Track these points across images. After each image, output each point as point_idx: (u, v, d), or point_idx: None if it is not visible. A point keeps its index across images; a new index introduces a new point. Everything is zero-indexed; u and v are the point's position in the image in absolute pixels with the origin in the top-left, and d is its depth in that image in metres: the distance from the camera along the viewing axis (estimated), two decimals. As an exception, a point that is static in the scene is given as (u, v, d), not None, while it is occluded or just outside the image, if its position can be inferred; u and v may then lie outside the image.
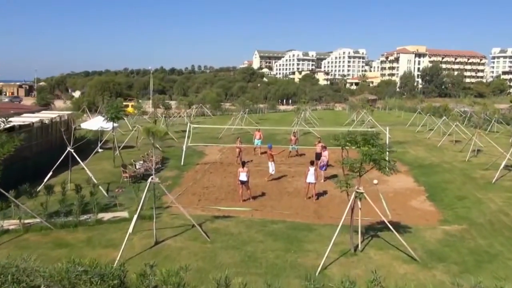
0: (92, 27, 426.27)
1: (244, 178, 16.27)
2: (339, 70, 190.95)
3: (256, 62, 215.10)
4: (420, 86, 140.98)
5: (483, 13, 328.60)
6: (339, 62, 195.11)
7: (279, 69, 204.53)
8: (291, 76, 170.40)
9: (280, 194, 17.76)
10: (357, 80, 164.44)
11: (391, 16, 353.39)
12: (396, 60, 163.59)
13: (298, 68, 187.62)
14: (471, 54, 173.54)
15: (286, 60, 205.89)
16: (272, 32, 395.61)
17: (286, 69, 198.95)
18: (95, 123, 25.55)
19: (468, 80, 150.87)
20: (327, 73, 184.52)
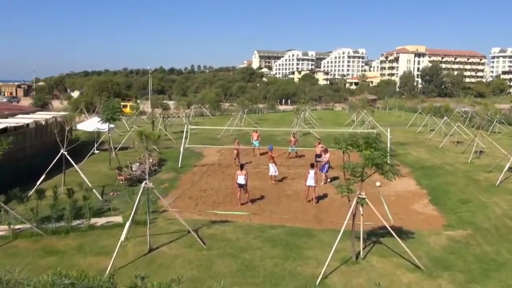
0: (92, 27, 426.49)
1: (242, 182, 15.86)
2: (339, 70, 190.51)
3: (256, 62, 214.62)
4: (420, 86, 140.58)
5: (483, 13, 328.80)
6: (339, 62, 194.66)
7: (279, 69, 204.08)
8: (291, 76, 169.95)
9: (279, 198, 17.34)
10: (357, 80, 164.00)
11: (391, 16, 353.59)
12: (396, 60, 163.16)
13: (298, 68, 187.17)
14: (471, 54, 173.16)
15: (286, 60, 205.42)
16: (272, 32, 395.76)
17: (286, 69, 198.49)
18: (91, 124, 25.10)
19: (468, 80, 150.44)
20: (327, 73, 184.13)
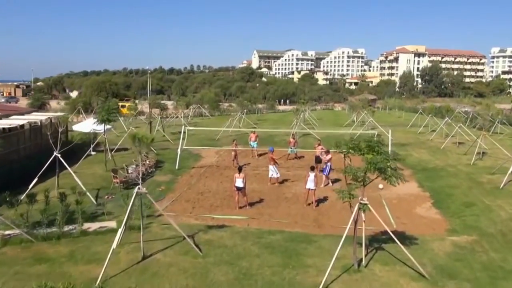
0: (92, 27, 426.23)
1: (240, 185, 15.45)
2: (338, 70, 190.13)
3: (255, 62, 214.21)
4: (420, 86, 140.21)
5: (483, 13, 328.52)
6: (338, 62, 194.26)
7: (278, 69, 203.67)
8: (290, 76, 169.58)
9: (278, 201, 16.93)
10: (357, 80, 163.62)
11: (390, 16, 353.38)
12: (396, 60, 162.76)
13: (297, 68, 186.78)
14: (471, 54, 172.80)
15: (285, 60, 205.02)
16: (271, 32, 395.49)
17: (285, 69, 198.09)
18: (88, 125, 24.69)
19: (468, 80, 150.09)
20: (326, 73, 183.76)
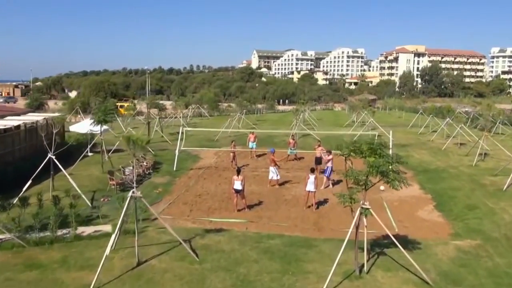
0: (92, 27, 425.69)
1: (239, 187, 15.13)
2: (338, 70, 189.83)
3: (255, 62, 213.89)
4: (420, 86, 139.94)
5: (483, 13, 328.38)
6: (338, 62, 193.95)
7: (278, 69, 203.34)
8: (290, 76, 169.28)
9: (278, 203, 16.61)
10: (356, 80, 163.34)
11: (390, 16, 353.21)
12: (395, 60, 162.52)
13: (297, 68, 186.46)
14: (471, 54, 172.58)
15: (285, 60, 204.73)
16: (271, 32, 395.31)
17: (285, 69, 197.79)
18: (84, 126, 24.37)
19: (468, 80, 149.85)
20: (326, 73, 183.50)
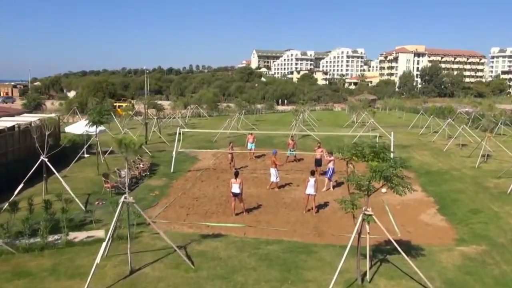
0: (92, 27, 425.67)
1: (237, 190, 14.74)
2: (338, 70, 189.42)
3: (254, 62, 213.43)
4: (420, 86, 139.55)
5: (483, 13, 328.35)
6: (338, 62, 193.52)
7: (278, 69, 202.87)
8: (290, 76, 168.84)
9: (277, 206, 16.21)
10: (356, 80, 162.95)
11: (390, 16, 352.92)
12: (395, 60, 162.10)
13: (297, 68, 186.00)
14: (471, 54, 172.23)
15: (285, 60, 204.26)
16: (271, 32, 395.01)
17: (285, 69, 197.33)
18: (80, 127, 23.94)
19: (468, 80, 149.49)
20: (326, 73, 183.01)
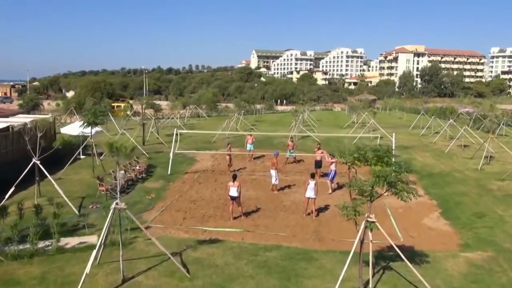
0: (92, 28, 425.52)
1: (235, 194, 14.33)
2: (337, 70, 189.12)
3: (254, 62, 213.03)
4: (419, 86, 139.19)
5: (483, 13, 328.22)
6: (337, 62, 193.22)
7: (277, 69, 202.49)
8: (289, 76, 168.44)
9: (276, 210, 15.81)
10: (356, 80, 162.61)
11: (390, 16, 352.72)
12: (395, 60, 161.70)
13: (296, 68, 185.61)
14: (470, 54, 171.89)
15: (284, 60, 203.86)
16: (270, 32, 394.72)
17: (284, 69, 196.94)
18: (76, 128, 23.53)
19: (468, 80, 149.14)
20: (325, 73, 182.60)
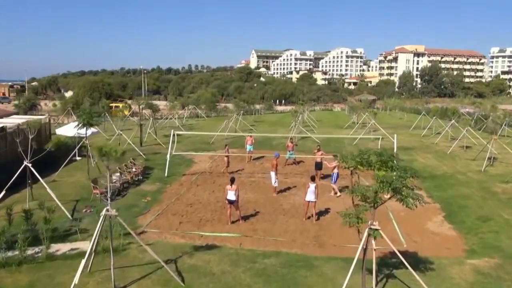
0: (91, 28, 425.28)
1: (233, 198, 13.91)
2: (337, 70, 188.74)
3: (254, 62, 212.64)
4: (419, 86, 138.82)
5: (483, 13, 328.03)
6: (337, 62, 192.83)
7: (277, 69, 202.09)
8: (289, 76, 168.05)
9: (275, 213, 15.38)
10: (355, 80, 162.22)
11: (390, 16, 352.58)
12: (395, 60, 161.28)
13: (296, 68, 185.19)
14: (470, 54, 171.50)
15: (284, 60, 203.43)
16: (270, 32, 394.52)
17: (284, 69, 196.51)
18: (72, 129, 23.10)
19: (468, 80, 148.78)
20: (325, 73, 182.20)
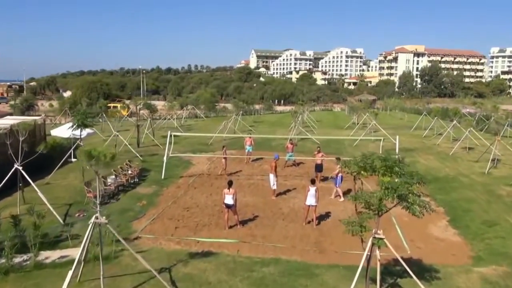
0: (91, 28, 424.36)
1: (230, 202, 13.47)
2: (337, 70, 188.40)
3: (253, 62, 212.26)
4: (419, 86, 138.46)
5: (482, 13, 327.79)
6: (337, 62, 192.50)
7: (276, 69, 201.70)
8: (289, 76, 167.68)
9: (274, 218, 14.93)
10: (355, 80, 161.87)
11: (389, 16, 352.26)
12: (395, 60, 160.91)
13: (296, 68, 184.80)
14: (470, 54, 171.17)
15: (283, 60, 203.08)
16: (269, 32, 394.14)
17: (284, 69, 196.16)
18: (66, 130, 22.66)
19: (468, 80, 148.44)
20: (325, 73, 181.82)
